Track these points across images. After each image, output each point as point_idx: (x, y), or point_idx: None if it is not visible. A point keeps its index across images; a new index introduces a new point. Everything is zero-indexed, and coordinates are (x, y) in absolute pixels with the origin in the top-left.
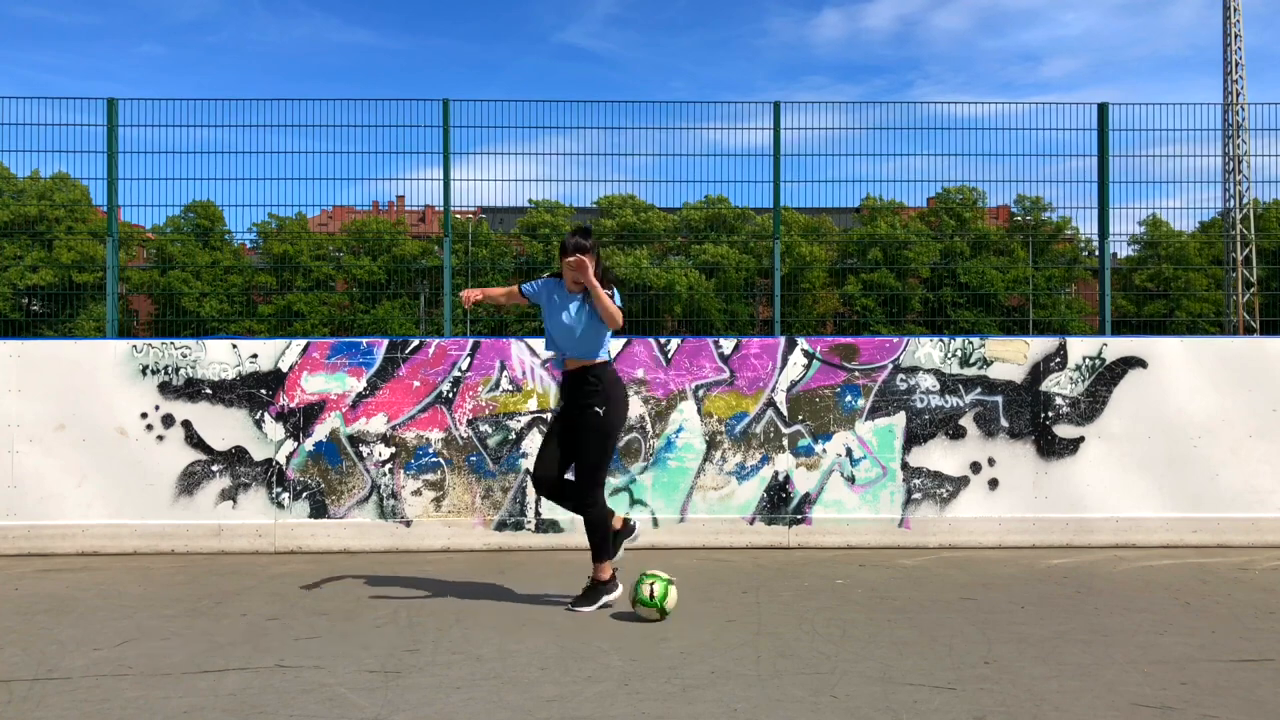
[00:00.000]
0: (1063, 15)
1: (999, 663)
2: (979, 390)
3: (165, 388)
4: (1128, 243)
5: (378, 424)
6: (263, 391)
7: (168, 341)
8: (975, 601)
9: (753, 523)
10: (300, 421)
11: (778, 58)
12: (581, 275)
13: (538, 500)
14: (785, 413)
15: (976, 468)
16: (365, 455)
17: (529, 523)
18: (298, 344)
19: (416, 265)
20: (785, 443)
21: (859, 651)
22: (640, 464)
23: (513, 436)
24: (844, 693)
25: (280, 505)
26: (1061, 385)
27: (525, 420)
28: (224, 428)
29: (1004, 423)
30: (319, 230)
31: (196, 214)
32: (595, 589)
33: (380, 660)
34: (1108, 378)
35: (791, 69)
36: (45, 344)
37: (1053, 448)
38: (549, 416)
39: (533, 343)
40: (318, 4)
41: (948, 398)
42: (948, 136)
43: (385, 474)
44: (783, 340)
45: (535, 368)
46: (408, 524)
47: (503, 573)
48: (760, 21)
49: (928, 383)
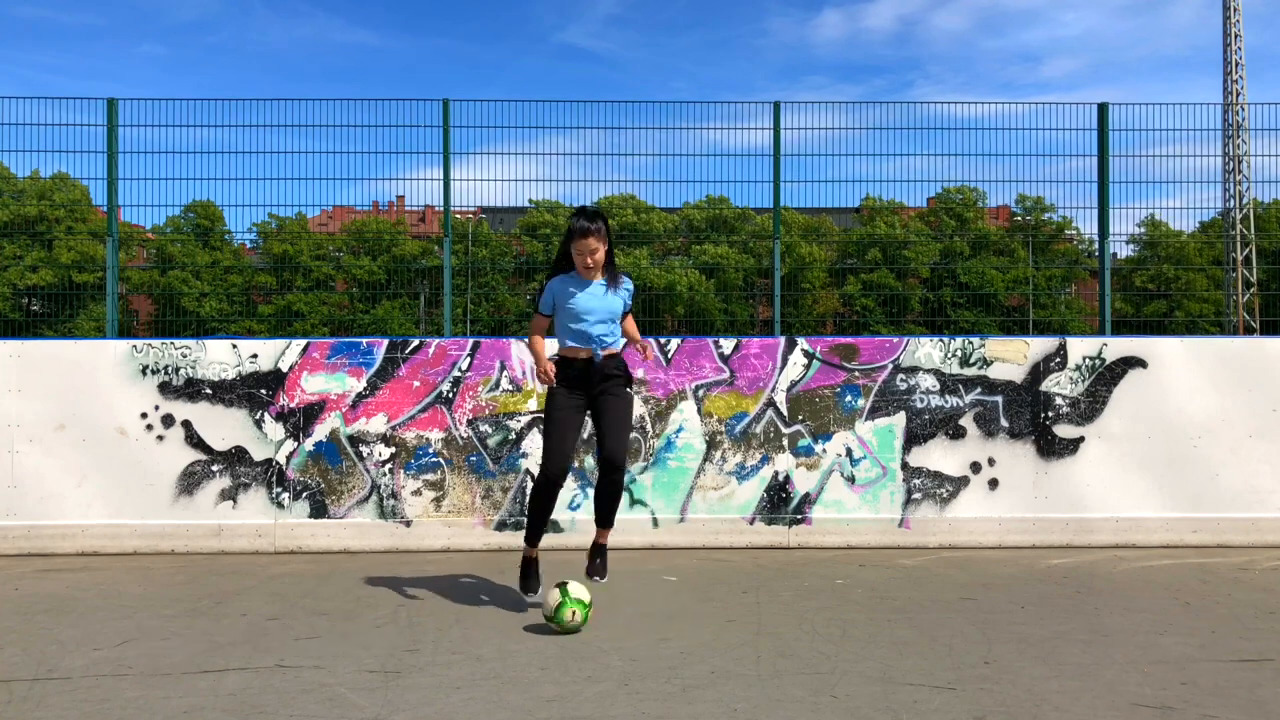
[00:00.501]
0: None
1: (999, 663)
2: (979, 390)
3: (165, 388)
4: (1127, 242)
5: (378, 424)
6: (263, 391)
7: (168, 341)
8: (975, 601)
9: (753, 523)
10: (300, 421)
11: (778, 58)
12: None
13: None
14: (785, 413)
15: (976, 468)
16: (365, 455)
17: None
18: (298, 344)
19: (416, 265)
20: (785, 443)
21: (859, 651)
22: (640, 464)
23: (513, 436)
24: (844, 693)
25: (280, 505)
26: (1061, 385)
27: (525, 420)
28: (224, 428)
29: (1004, 423)
30: (319, 230)
31: (196, 214)
32: (602, 556)
33: (380, 660)
34: (1108, 378)
35: (792, 69)
36: (45, 344)
37: (1053, 448)
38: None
39: None
40: (318, 4)
41: (948, 398)
42: (948, 136)
43: (385, 474)
44: (783, 340)
45: (535, 367)
46: (408, 524)
47: (503, 573)
48: (760, 22)
49: (928, 383)
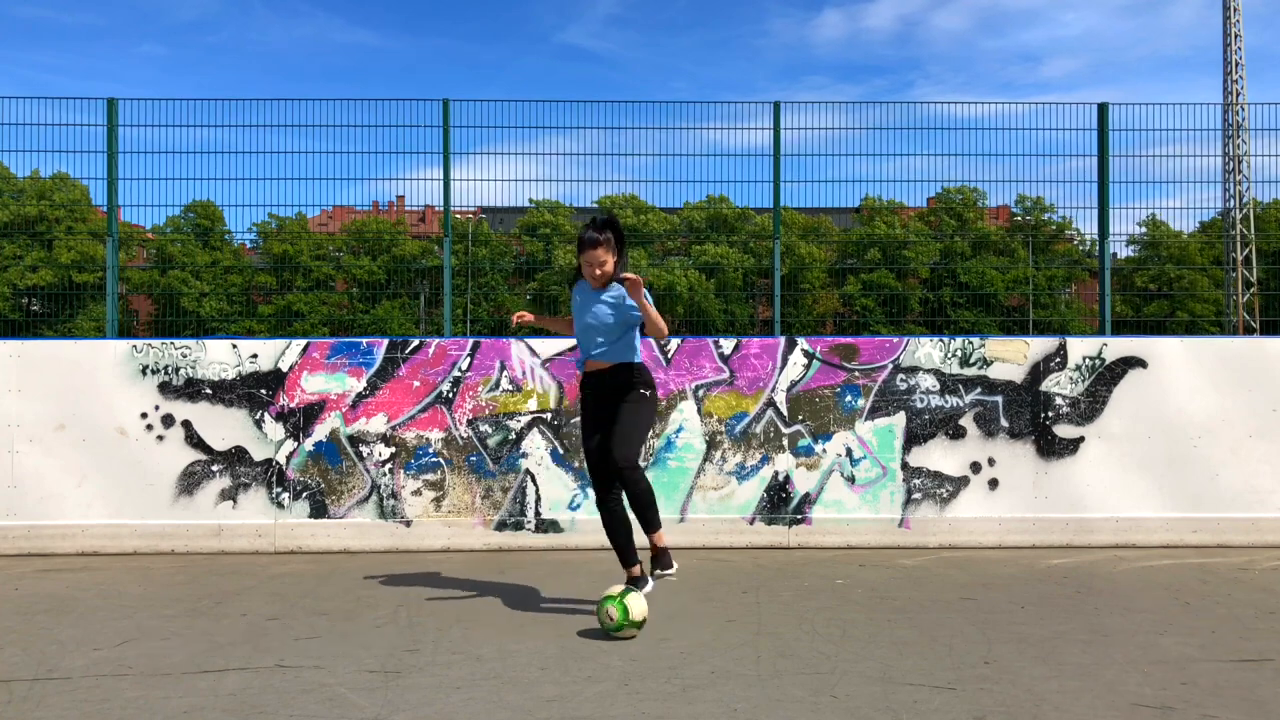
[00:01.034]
0: (1063, 15)
1: (999, 663)
2: (979, 390)
3: (165, 388)
4: (1127, 243)
5: (378, 424)
6: (263, 391)
7: (168, 341)
8: (975, 601)
9: (753, 523)
10: (300, 421)
11: (778, 58)
12: (633, 295)
13: (538, 500)
14: (785, 413)
15: (976, 468)
16: (365, 455)
17: (529, 523)
18: (298, 344)
19: (416, 265)
20: (785, 443)
21: (859, 651)
22: (640, 464)
23: (513, 436)
24: (844, 693)
25: (280, 505)
26: (1061, 385)
27: (525, 420)
28: (224, 428)
29: (1004, 423)
30: (319, 230)
31: (196, 214)
32: (661, 555)
33: (380, 660)
34: (1108, 378)
35: (792, 69)
36: (45, 344)
37: (1053, 448)
38: (549, 417)
39: (533, 343)
40: (318, 4)
41: (948, 398)
42: (948, 136)
43: (385, 474)
44: (783, 340)
45: (535, 368)
46: (408, 524)
47: (503, 573)
48: (761, 22)
49: (928, 383)
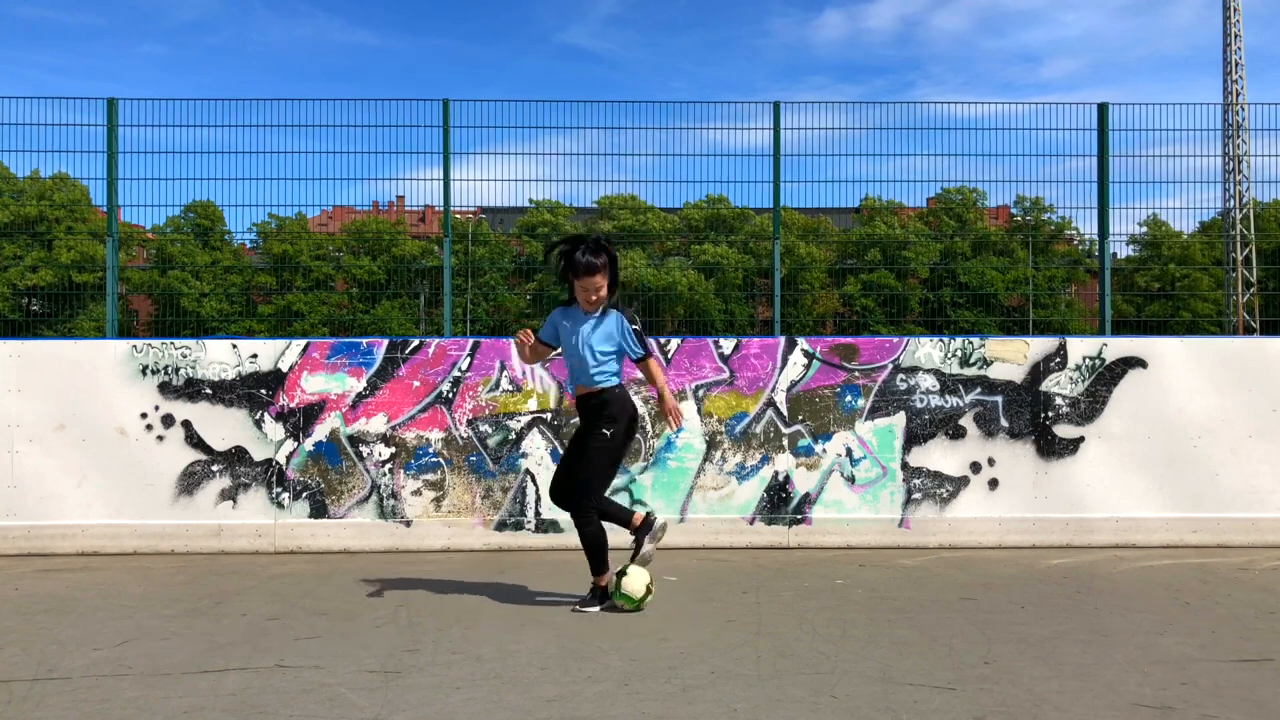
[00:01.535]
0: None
1: (999, 663)
2: (979, 390)
3: (165, 388)
4: (1127, 243)
5: (378, 424)
6: (263, 391)
7: (168, 341)
8: (975, 601)
9: (753, 523)
10: (300, 421)
11: (779, 58)
12: (666, 410)
13: (538, 500)
14: (785, 413)
15: (976, 468)
16: (365, 455)
17: (529, 523)
18: (298, 344)
19: (416, 265)
20: (785, 443)
21: (859, 651)
22: (640, 464)
23: (513, 436)
24: (844, 693)
25: (280, 505)
26: (1061, 385)
27: (525, 420)
28: (224, 428)
29: (1004, 423)
30: (319, 230)
31: (196, 214)
32: (598, 592)
33: (380, 660)
34: (1108, 378)
35: (792, 69)
36: (45, 344)
37: (1053, 448)
38: (549, 417)
39: None
40: (318, 4)
41: (948, 398)
42: (948, 136)
43: (385, 474)
44: (783, 340)
45: (535, 368)
46: (408, 524)
47: (503, 573)
48: (761, 22)
49: (928, 383)
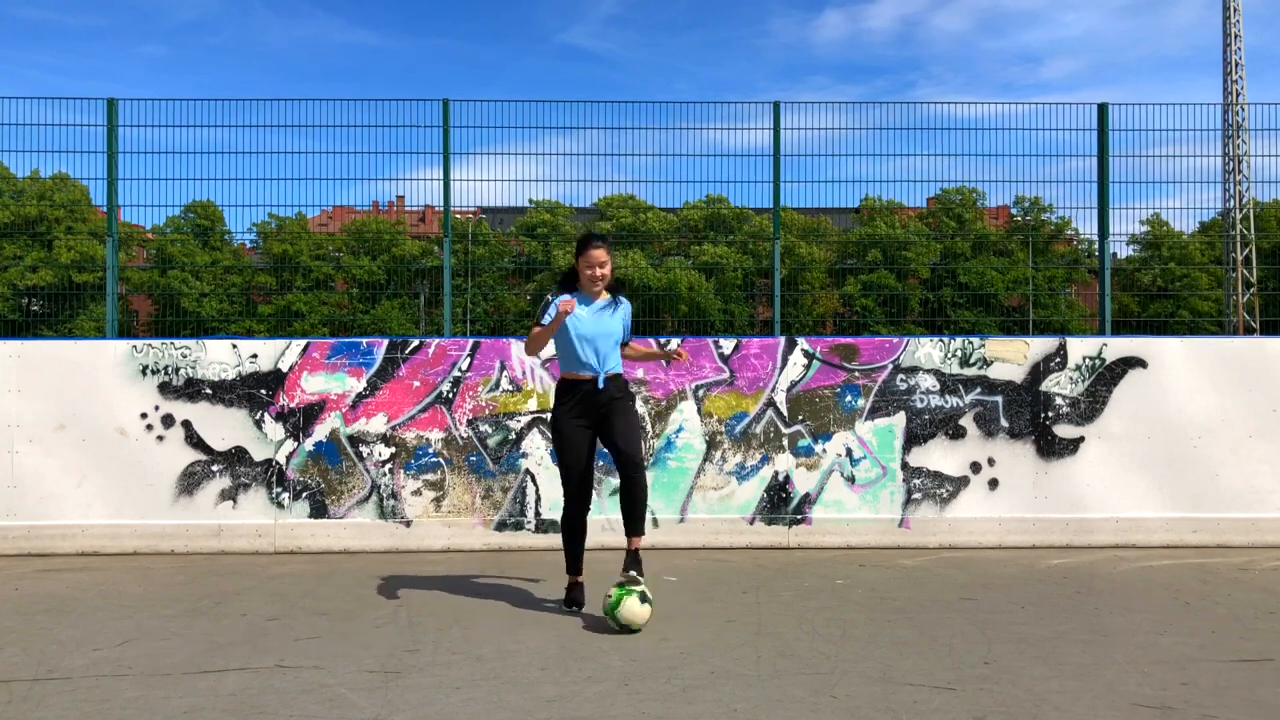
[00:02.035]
0: (1063, 16)
1: (999, 663)
2: (979, 390)
3: (165, 388)
4: (1127, 243)
5: (378, 424)
6: (263, 391)
7: (168, 342)
8: (975, 601)
9: (753, 523)
10: (300, 421)
11: (779, 58)
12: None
13: (538, 500)
14: (785, 413)
15: (976, 468)
16: (365, 455)
17: (529, 523)
18: (298, 344)
19: (416, 265)
20: (785, 443)
21: (859, 651)
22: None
23: (513, 437)
24: (844, 693)
25: (280, 505)
26: (1061, 385)
27: (525, 420)
28: (224, 428)
29: (1004, 423)
30: (319, 230)
31: (196, 214)
32: (638, 558)
33: (380, 660)
34: (1108, 378)
35: (793, 69)
36: (45, 344)
37: (1053, 448)
38: (549, 418)
39: None
40: (318, 4)
41: (948, 398)
42: (948, 137)
43: (385, 474)
44: (783, 340)
45: (535, 368)
46: (408, 524)
47: (503, 573)
48: (762, 22)
49: (928, 383)
